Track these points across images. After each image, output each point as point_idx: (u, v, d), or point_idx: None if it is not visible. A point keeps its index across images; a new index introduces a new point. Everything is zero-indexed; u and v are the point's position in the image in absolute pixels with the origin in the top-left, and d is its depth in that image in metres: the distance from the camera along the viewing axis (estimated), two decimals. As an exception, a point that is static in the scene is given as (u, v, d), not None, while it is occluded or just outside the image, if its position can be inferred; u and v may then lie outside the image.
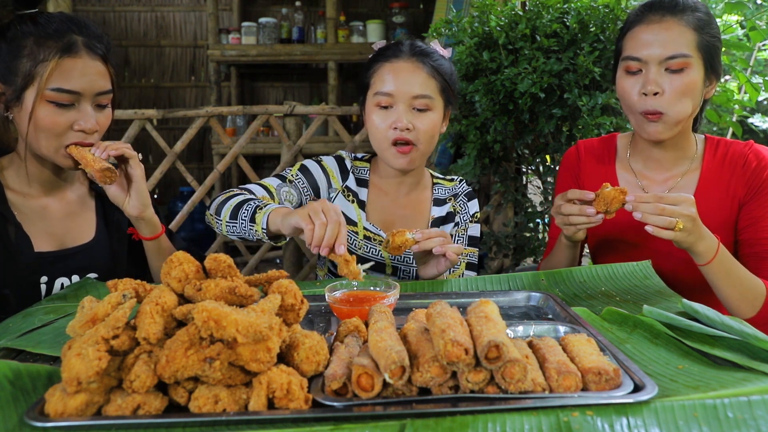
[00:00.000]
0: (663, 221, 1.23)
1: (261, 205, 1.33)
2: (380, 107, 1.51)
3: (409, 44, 1.54)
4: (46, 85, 1.25)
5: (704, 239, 1.27)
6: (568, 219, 1.35)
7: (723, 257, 1.29)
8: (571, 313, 1.07)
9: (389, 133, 1.50)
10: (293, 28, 4.90)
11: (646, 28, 1.42)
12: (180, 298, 0.87)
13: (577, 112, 2.37)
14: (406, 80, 1.49)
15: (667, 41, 1.38)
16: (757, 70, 3.21)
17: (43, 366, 0.86)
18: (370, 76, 1.56)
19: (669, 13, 1.40)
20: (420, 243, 1.34)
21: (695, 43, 1.39)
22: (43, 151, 1.31)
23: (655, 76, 1.39)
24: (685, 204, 1.24)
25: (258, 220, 1.30)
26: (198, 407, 0.74)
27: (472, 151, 2.52)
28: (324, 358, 0.83)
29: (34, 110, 1.26)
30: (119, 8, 5.51)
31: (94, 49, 1.31)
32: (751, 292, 1.32)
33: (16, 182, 1.39)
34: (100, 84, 1.32)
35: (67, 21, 1.31)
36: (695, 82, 1.39)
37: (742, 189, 1.45)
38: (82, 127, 1.30)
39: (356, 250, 1.60)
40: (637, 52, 1.41)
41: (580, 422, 0.71)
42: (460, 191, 1.69)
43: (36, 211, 1.40)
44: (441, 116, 1.55)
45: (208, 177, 3.05)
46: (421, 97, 1.49)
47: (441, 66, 1.53)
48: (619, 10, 2.34)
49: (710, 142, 1.53)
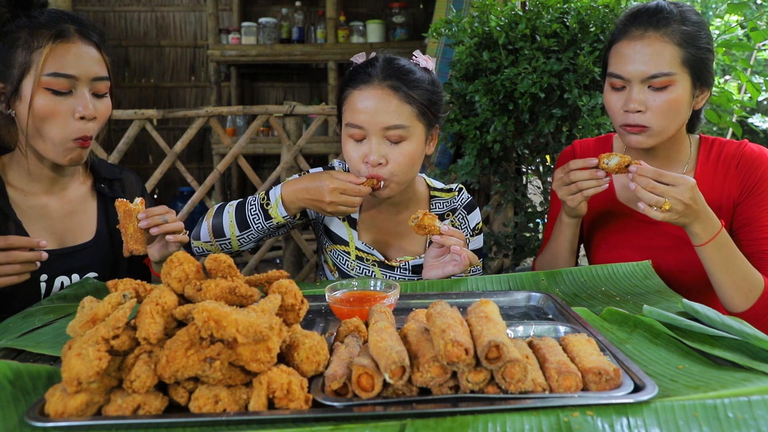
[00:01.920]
0: (651, 198, 1.23)
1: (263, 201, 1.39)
2: (354, 139, 1.42)
3: (382, 66, 1.41)
4: (42, 71, 1.26)
5: (701, 222, 1.26)
6: (578, 186, 1.35)
7: (721, 243, 1.28)
8: (571, 313, 1.07)
9: (362, 167, 1.42)
10: (293, 28, 4.90)
11: (628, 44, 1.38)
12: (180, 298, 0.87)
13: (577, 112, 2.37)
14: (377, 110, 1.38)
15: (649, 59, 1.34)
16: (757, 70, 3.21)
17: (43, 366, 0.86)
18: (342, 102, 1.46)
19: (652, 27, 1.36)
20: (443, 236, 1.35)
21: (680, 59, 1.35)
22: (47, 146, 1.31)
23: (637, 95, 1.36)
24: (682, 187, 1.23)
25: (272, 214, 1.37)
26: (198, 407, 0.74)
27: (472, 151, 2.52)
28: (324, 358, 0.83)
29: (32, 99, 1.27)
30: (119, 8, 5.50)
31: (88, 36, 1.32)
32: (747, 284, 1.31)
33: (17, 180, 1.39)
34: (95, 69, 1.32)
35: (59, 12, 1.33)
36: (680, 99, 1.36)
37: (737, 189, 1.44)
38: (82, 113, 1.29)
39: (349, 270, 1.57)
40: (619, 69, 1.39)
41: (580, 422, 0.71)
42: (459, 204, 1.62)
43: (36, 209, 1.40)
44: (422, 141, 1.44)
45: (208, 177, 3.05)
46: (394, 128, 1.38)
47: (418, 87, 1.41)
48: (619, 10, 2.34)
49: (704, 142, 1.51)
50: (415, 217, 1.35)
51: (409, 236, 1.59)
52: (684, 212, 1.24)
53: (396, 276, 1.56)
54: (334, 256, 1.59)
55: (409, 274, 1.56)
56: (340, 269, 1.59)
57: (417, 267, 1.56)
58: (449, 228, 1.36)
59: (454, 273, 1.38)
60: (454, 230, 1.36)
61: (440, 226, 1.35)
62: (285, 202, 1.42)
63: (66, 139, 1.30)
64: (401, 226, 1.58)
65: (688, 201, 1.23)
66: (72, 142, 1.31)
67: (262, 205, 1.44)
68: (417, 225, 1.35)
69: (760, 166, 1.42)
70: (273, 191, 1.45)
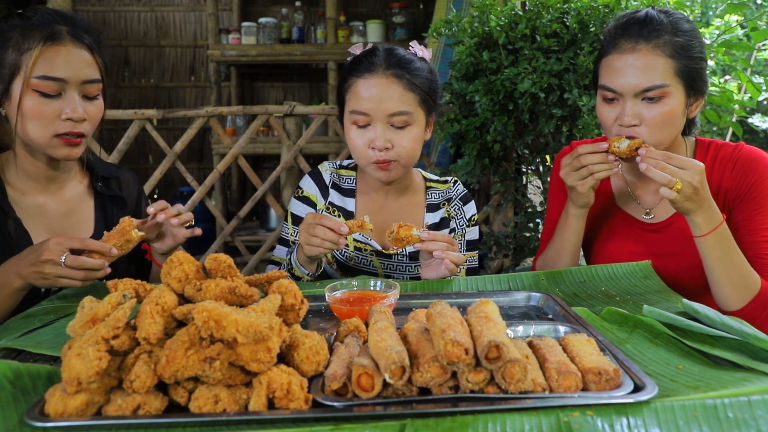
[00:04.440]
0: (663, 177, 1.23)
1: (290, 267, 1.47)
2: (357, 126, 1.47)
3: (384, 55, 1.46)
4: (31, 73, 1.26)
5: (705, 211, 1.26)
6: (589, 169, 1.35)
7: (721, 236, 1.28)
8: (571, 313, 1.07)
9: (368, 152, 1.46)
10: (293, 28, 4.89)
11: (619, 57, 1.35)
12: (180, 298, 0.87)
13: (577, 112, 2.37)
14: (383, 98, 1.43)
15: (641, 72, 1.32)
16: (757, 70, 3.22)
17: (43, 366, 0.86)
18: (345, 91, 1.50)
19: (643, 39, 1.33)
20: (424, 243, 1.34)
21: (673, 71, 1.32)
22: (33, 141, 1.31)
23: (631, 109, 1.34)
24: (692, 170, 1.23)
25: (299, 274, 1.46)
26: (198, 407, 0.74)
27: (472, 151, 2.52)
28: (324, 358, 0.83)
29: (21, 100, 1.27)
30: (119, 8, 5.50)
31: (80, 38, 1.32)
32: (744, 281, 1.30)
33: (14, 178, 1.40)
34: (86, 72, 1.31)
35: (53, 13, 1.33)
36: (674, 111, 1.34)
37: (732, 192, 1.43)
38: (69, 116, 1.29)
39: (347, 261, 1.58)
40: (611, 82, 1.36)
41: (580, 422, 0.71)
42: (455, 195, 1.65)
43: (34, 209, 1.40)
44: (422, 126, 1.50)
45: (208, 177, 3.05)
46: (399, 114, 1.44)
47: (419, 75, 1.46)
48: (619, 9, 2.34)
49: (701, 145, 1.50)
50: (390, 232, 1.34)
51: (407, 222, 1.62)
52: (691, 196, 1.23)
53: (394, 264, 1.57)
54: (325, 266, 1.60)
55: (407, 261, 1.57)
56: (339, 261, 1.60)
57: (414, 254, 1.57)
58: (429, 233, 1.35)
59: (447, 275, 1.38)
60: (435, 234, 1.36)
61: (419, 234, 1.34)
62: (301, 264, 1.44)
63: (48, 137, 1.30)
64: (398, 215, 1.60)
65: (697, 184, 1.23)
66: (55, 139, 1.30)
67: (288, 270, 1.48)
68: (394, 239, 1.33)
69: (755, 169, 1.41)
70: (292, 256, 1.48)
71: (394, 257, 1.57)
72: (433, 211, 1.63)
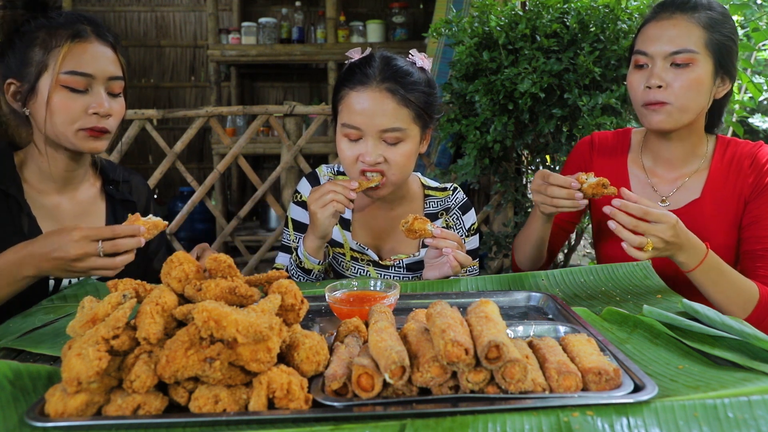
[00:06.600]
0: (634, 240, 1.22)
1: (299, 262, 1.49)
2: (349, 139, 1.42)
3: (380, 67, 1.40)
4: (60, 69, 1.30)
5: (685, 251, 1.26)
6: (553, 201, 1.37)
7: (709, 266, 1.29)
8: (571, 313, 1.07)
9: (358, 165, 1.42)
10: (293, 28, 4.89)
11: (656, 24, 1.45)
12: (180, 298, 0.87)
13: (577, 112, 2.37)
14: (375, 113, 1.37)
15: (674, 37, 1.41)
16: (757, 70, 3.21)
17: (43, 366, 0.86)
18: (338, 102, 1.45)
19: (679, 10, 1.43)
20: (435, 239, 1.34)
21: (704, 41, 1.41)
22: (60, 135, 1.34)
23: (659, 71, 1.42)
24: (665, 225, 1.21)
25: (308, 266, 1.47)
26: (198, 407, 0.74)
27: (472, 151, 2.52)
28: (324, 358, 0.83)
29: (50, 97, 1.30)
30: (119, 8, 5.50)
31: (104, 36, 1.37)
32: (742, 297, 1.32)
33: (31, 177, 1.42)
34: (111, 69, 1.36)
35: (76, 14, 1.39)
36: (701, 78, 1.41)
37: (748, 188, 1.47)
38: (96, 110, 1.33)
39: (344, 271, 1.57)
40: (644, 46, 1.45)
41: (580, 422, 0.71)
42: (453, 204, 1.61)
43: (48, 208, 1.42)
44: (416, 141, 1.44)
45: (208, 177, 3.05)
46: (391, 131, 1.38)
47: (415, 89, 1.40)
48: (619, 10, 2.34)
49: (721, 142, 1.54)
50: (405, 222, 1.35)
51: (403, 235, 1.59)
52: (665, 248, 1.24)
53: (391, 275, 1.56)
54: (330, 258, 1.60)
55: (404, 272, 1.56)
56: (336, 270, 1.60)
57: (411, 265, 1.56)
58: (441, 230, 1.35)
59: (449, 275, 1.38)
60: (448, 232, 1.35)
61: (432, 229, 1.34)
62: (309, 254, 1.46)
63: (74, 130, 1.32)
64: (395, 225, 1.57)
65: (670, 238, 1.22)
66: (81, 132, 1.33)
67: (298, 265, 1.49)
68: (407, 229, 1.34)
69: None
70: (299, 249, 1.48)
71: (391, 268, 1.57)
72: (430, 221, 1.61)
